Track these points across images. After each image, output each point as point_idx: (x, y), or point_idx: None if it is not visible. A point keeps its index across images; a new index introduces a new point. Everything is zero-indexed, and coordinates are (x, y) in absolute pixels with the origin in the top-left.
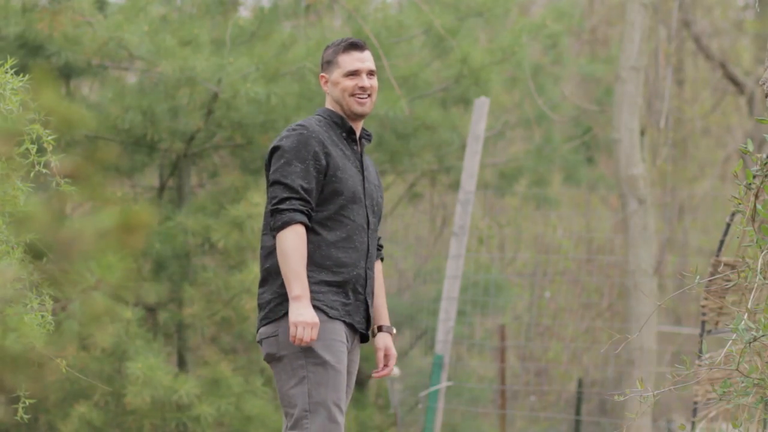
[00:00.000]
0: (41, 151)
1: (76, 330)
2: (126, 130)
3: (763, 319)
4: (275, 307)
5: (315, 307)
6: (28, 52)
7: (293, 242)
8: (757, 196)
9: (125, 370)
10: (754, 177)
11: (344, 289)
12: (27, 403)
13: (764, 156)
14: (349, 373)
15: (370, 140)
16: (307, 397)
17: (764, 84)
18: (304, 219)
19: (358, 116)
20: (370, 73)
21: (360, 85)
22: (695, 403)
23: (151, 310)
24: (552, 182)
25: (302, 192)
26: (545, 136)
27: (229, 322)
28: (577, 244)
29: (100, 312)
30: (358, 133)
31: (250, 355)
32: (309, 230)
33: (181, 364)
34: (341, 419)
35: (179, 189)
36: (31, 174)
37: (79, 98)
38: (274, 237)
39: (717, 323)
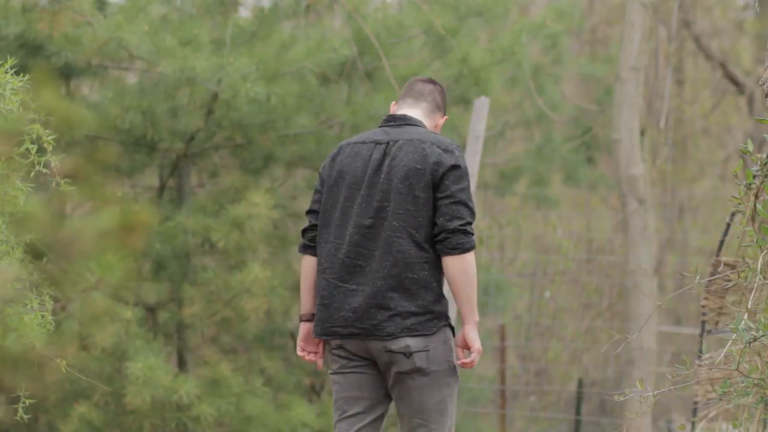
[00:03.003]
0: (41, 151)
1: (76, 330)
2: (126, 130)
3: (763, 319)
4: (426, 322)
5: (451, 328)
6: (28, 52)
7: (474, 269)
8: (757, 196)
9: (125, 370)
10: (754, 177)
11: None
12: (27, 403)
13: (764, 156)
14: None
15: None
16: (452, 414)
17: (764, 84)
18: None
19: None
20: None
21: None
22: (695, 403)
23: (151, 310)
24: (552, 182)
25: None
26: (545, 136)
27: (229, 322)
28: (577, 244)
29: (100, 312)
30: None
31: (250, 355)
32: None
33: (181, 364)
34: None
35: (179, 189)
36: (31, 174)
37: (79, 98)
38: (443, 252)
39: (717, 323)
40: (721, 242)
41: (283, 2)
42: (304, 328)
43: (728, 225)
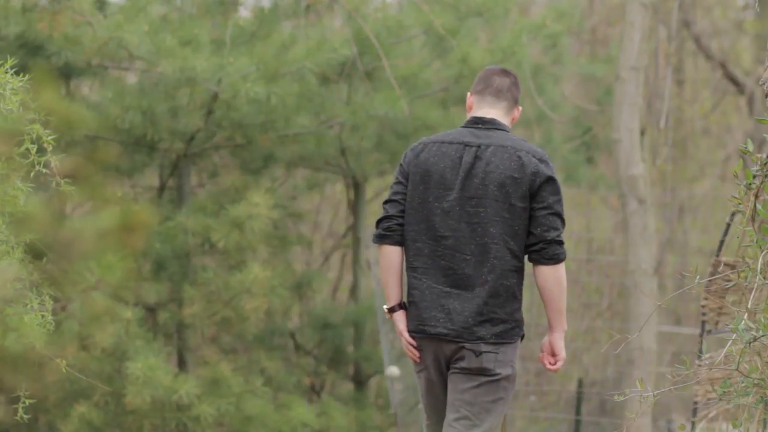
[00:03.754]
0: (41, 151)
1: (76, 330)
2: (126, 130)
3: (763, 319)
4: (510, 330)
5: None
6: (28, 52)
7: (565, 280)
8: (757, 196)
9: (125, 370)
10: (754, 177)
11: None
12: (27, 403)
13: (764, 156)
14: None
15: None
16: (499, 416)
17: (764, 84)
18: None
19: None
20: None
21: None
22: (695, 403)
23: (151, 310)
24: None
25: None
26: (545, 136)
27: (229, 322)
28: (577, 244)
29: (100, 312)
30: None
31: (250, 355)
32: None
33: (181, 364)
34: None
35: (179, 189)
36: (31, 174)
37: (79, 98)
38: (539, 262)
39: (717, 323)
40: (721, 242)
41: (283, 2)
42: (401, 317)
43: (728, 225)
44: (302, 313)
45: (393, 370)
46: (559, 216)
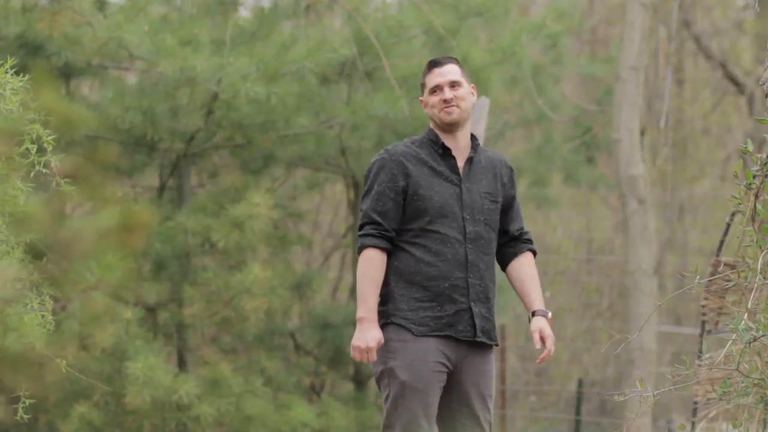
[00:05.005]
0: (41, 151)
1: (76, 330)
2: (126, 130)
3: (763, 319)
4: (381, 326)
5: (400, 326)
6: (28, 52)
7: (362, 266)
8: (757, 196)
9: (125, 370)
10: (754, 177)
11: (438, 302)
12: (27, 403)
13: (764, 156)
14: (473, 383)
15: (476, 150)
16: (386, 416)
17: (764, 84)
18: (375, 242)
19: (451, 126)
20: (452, 84)
21: (443, 98)
22: (695, 403)
23: (151, 310)
24: (552, 182)
25: (374, 216)
26: (545, 136)
27: (229, 322)
28: (577, 244)
29: (100, 312)
30: (461, 145)
31: (250, 355)
32: (398, 249)
33: (181, 364)
34: None
35: (179, 189)
36: (31, 174)
37: (79, 98)
38: None
39: (717, 323)
40: (721, 242)
41: (283, 2)
42: None
43: (728, 225)
44: (302, 313)
45: None
46: (362, 210)
